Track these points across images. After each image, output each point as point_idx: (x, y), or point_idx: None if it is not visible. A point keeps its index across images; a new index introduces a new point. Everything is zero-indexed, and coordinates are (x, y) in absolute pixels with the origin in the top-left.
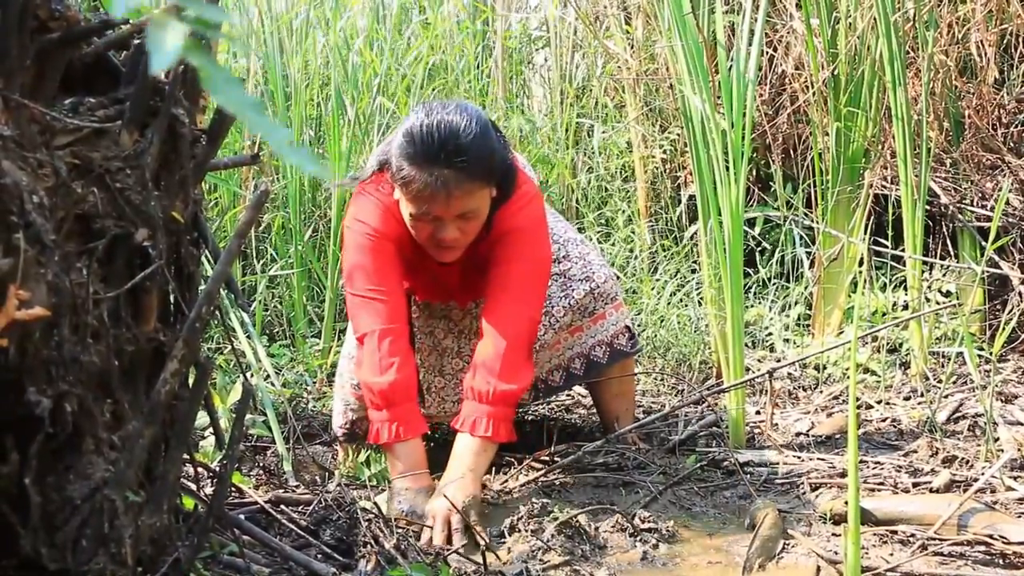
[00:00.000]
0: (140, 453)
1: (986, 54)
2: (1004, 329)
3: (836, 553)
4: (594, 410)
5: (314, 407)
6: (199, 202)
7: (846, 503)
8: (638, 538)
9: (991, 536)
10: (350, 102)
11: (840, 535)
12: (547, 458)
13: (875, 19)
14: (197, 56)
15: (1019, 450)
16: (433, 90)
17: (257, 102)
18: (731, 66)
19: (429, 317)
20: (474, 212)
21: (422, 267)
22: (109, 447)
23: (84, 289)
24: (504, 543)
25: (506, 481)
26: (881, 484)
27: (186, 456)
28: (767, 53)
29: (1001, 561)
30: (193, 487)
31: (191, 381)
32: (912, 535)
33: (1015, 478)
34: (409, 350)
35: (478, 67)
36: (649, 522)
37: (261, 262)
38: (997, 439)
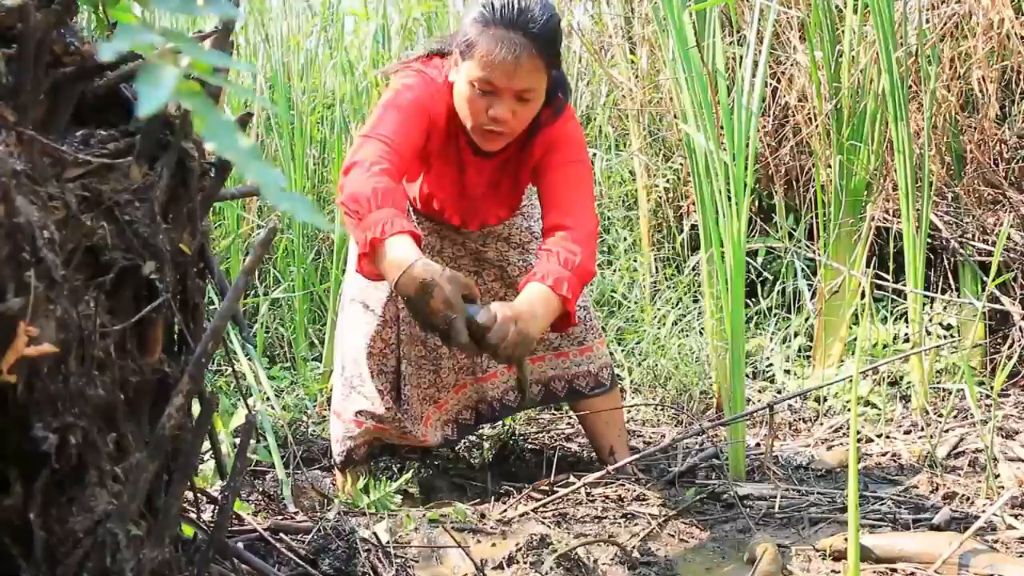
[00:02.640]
0: (143, 486)
1: (987, 90)
2: (1005, 365)
3: None
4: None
5: (314, 431)
6: (206, 234)
7: (846, 539)
8: (637, 571)
9: None
10: (354, 123)
11: (839, 572)
12: (546, 488)
13: (877, 53)
14: (190, 100)
15: (1020, 487)
16: None
17: (251, 148)
18: (733, 99)
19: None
20: (533, 94)
21: (451, 160)
22: (113, 479)
23: (91, 322)
24: (502, 574)
25: (505, 511)
26: (881, 520)
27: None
28: (771, 85)
29: None
30: (193, 513)
31: (195, 413)
32: (912, 573)
33: (1016, 516)
34: (396, 184)
35: None
36: (648, 555)
37: (264, 284)
38: (998, 475)
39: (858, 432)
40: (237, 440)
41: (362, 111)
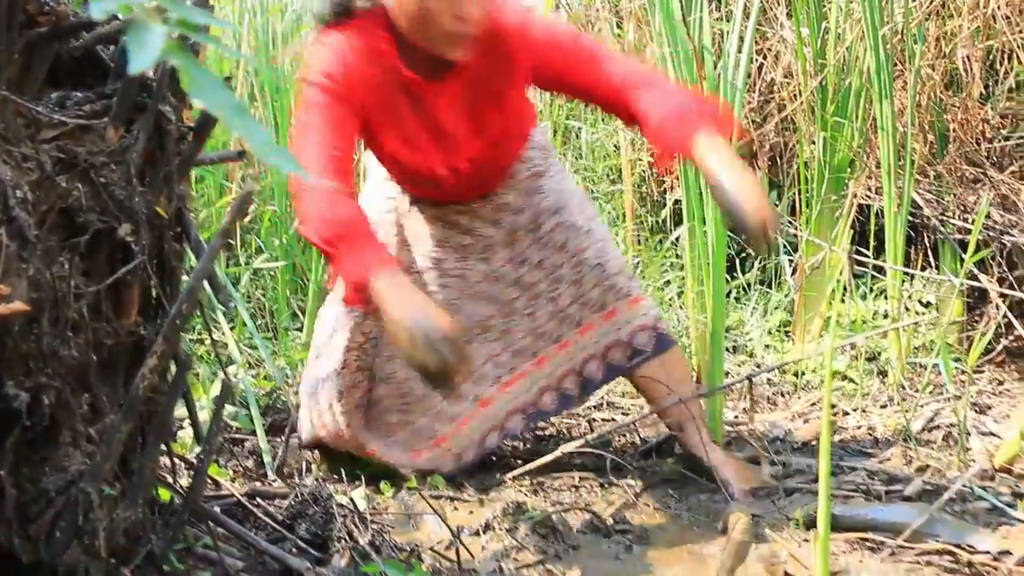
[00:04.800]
0: (117, 447)
1: (972, 69)
2: (979, 341)
3: (807, 558)
4: (573, 410)
5: (295, 400)
6: (184, 198)
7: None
8: (612, 539)
9: (958, 545)
10: None
11: (810, 540)
12: (525, 457)
13: (864, 31)
14: (178, 58)
15: (990, 460)
16: None
17: (239, 104)
18: (719, 74)
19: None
20: None
21: (406, 105)
22: (86, 440)
23: (65, 283)
24: (478, 540)
25: (483, 479)
26: (855, 491)
27: (163, 447)
28: (757, 61)
29: (967, 570)
30: (169, 479)
31: (171, 376)
32: (882, 542)
33: (985, 488)
34: (348, 199)
35: None
36: (623, 523)
37: (246, 254)
38: (969, 449)
39: (834, 406)
40: None
41: None
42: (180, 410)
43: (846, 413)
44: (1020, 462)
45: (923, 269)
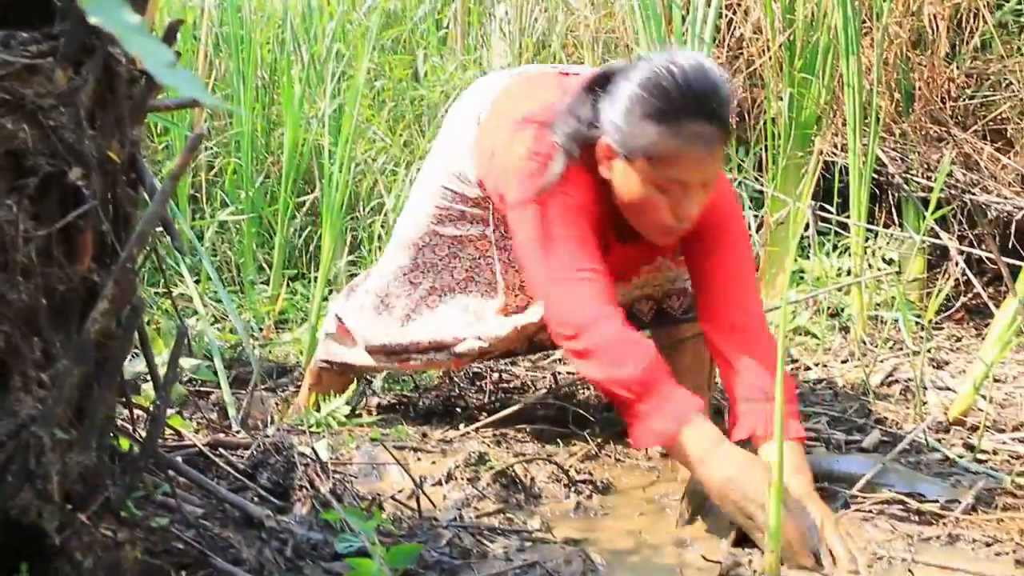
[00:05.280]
0: (68, 391)
1: (938, 28)
2: (937, 296)
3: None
4: (537, 362)
5: (260, 354)
6: (137, 143)
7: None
8: (573, 489)
9: (909, 494)
10: (305, 46)
11: None
12: (490, 409)
13: None
14: None
15: (945, 414)
16: (390, 40)
17: (138, 22)
18: (688, 29)
19: None
20: (715, 180)
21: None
22: (38, 385)
23: (14, 227)
24: (440, 490)
25: (447, 430)
26: (816, 441)
27: (123, 398)
28: (726, 16)
29: (916, 518)
30: (131, 429)
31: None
32: (836, 492)
33: (939, 440)
34: (635, 332)
35: (437, 17)
36: (585, 473)
37: (211, 207)
38: (926, 403)
39: (796, 360)
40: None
41: (312, 31)
42: (143, 365)
43: (808, 368)
44: (973, 415)
45: (887, 226)
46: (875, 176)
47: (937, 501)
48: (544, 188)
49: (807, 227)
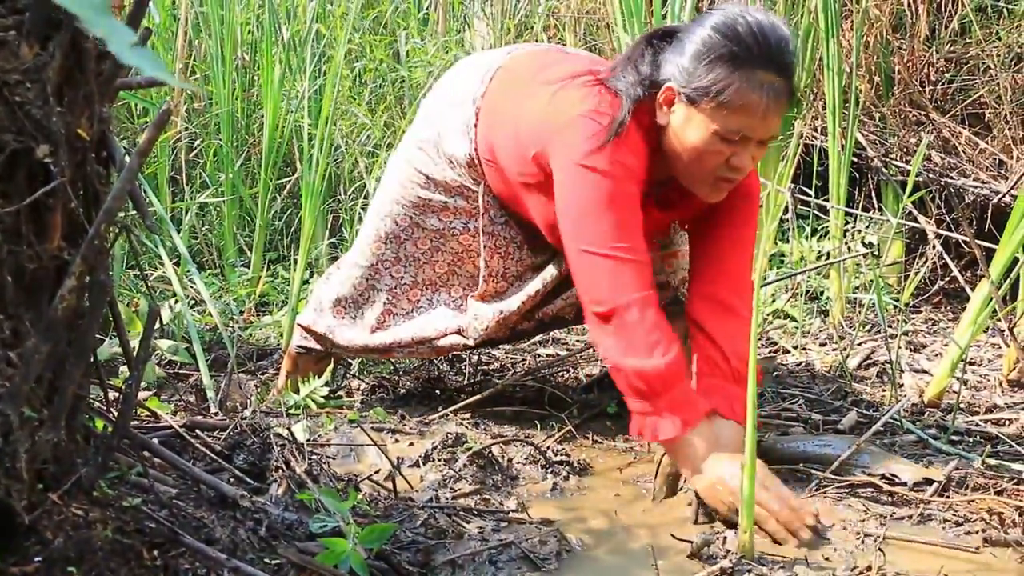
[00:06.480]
0: (36, 369)
1: (918, 11)
2: (913, 278)
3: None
4: (517, 344)
5: (240, 336)
6: (107, 120)
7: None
8: (549, 470)
9: (883, 476)
10: (286, 25)
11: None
12: (468, 391)
13: None
14: None
15: (920, 396)
16: (371, 20)
17: (100, 1)
18: (667, 9)
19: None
20: (770, 140)
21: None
22: (7, 363)
23: None
24: (417, 471)
25: (426, 412)
26: (794, 421)
27: (99, 380)
28: None
29: (889, 499)
30: (106, 410)
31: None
32: (810, 473)
33: (914, 421)
34: (668, 323)
35: None
36: (561, 455)
37: (191, 189)
38: (902, 385)
39: (775, 343)
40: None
41: (292, 11)
42: (118, 348)
43: (786, 351)
44: (948, 397)
45: (866, 210)
46: (855, 159)
47: (907, 484)
48: (610, 136)
49: (786, 210)
